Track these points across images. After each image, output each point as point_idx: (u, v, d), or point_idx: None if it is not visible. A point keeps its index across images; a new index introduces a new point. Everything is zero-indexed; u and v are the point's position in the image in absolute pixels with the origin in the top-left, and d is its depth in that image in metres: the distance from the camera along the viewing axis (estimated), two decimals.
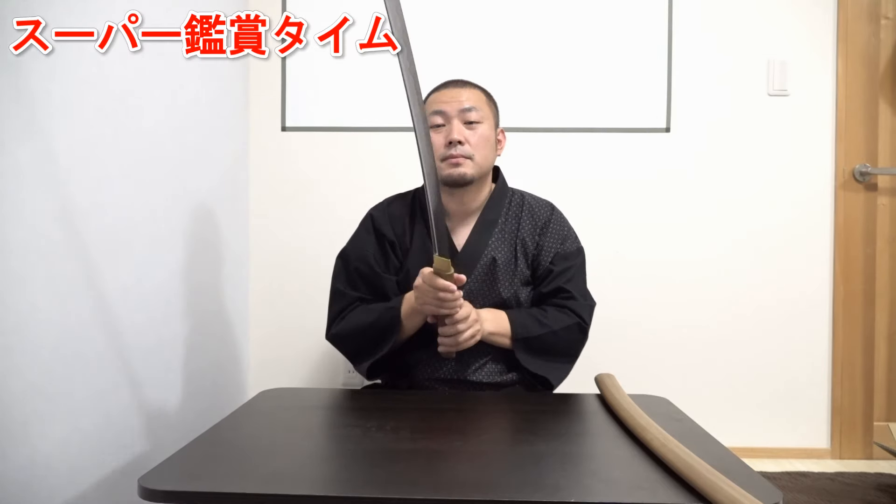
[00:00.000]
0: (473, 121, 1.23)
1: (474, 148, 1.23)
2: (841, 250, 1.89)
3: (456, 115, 1.23)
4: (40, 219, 0.94)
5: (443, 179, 1.23)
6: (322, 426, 1.02)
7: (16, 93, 0.89)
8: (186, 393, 1.45)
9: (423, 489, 0.68)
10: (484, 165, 1.25)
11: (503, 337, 1.20)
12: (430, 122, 1.23)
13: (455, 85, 1.27)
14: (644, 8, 1.89)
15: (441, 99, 1.25)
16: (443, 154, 1.22)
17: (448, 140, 1.21)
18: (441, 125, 1.24)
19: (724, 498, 0.63)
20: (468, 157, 1.22)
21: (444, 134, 1.23)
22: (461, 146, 1.21)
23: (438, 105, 1.24)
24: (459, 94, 1.25)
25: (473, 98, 1.25)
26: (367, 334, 1.20)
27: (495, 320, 1.20)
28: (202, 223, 1.54)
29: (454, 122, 1.23)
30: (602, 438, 0.90)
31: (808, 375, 1.90)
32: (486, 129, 1.25)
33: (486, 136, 1.25)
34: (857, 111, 1.88)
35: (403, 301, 1.19)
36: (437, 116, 1.24)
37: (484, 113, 1.26)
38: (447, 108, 1.23)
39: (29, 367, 0.92)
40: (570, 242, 1.31)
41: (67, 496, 1.01)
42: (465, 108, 1.23)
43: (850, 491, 1.58)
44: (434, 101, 1.26)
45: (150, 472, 0.71)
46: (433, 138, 1.23)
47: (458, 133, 1.21)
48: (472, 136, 1.23)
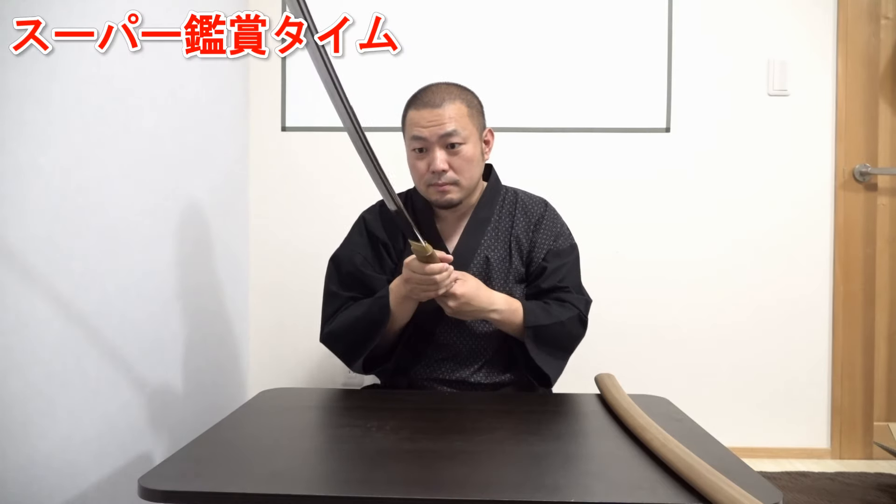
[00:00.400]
0: (456, 143, 1.17)
1: (459, 172, 1.19)
2: (841, 250, 1.89)
3: (436, 141, 1.17)
4: (40, 219, 0.94)
5: (430, 202, 1.25)
6: (322, 426, 1.02)
7: (16, 93, 0.89)
8: (186, 393, 1.45)
9: (423, 489, 0.68)
10: (471, 184, 1.23)
11: (512, 326, 1.19)
12: (411, 144, 1.21)
13: (432, 104, 1.17)
14: (644, 8, 1.89)
15: (419, 123, 1.18)
16: (427, 180, 1.20)
17: (431, 170, 1.18)
18: (421, 150, 1.19)
19: (724, 498, 0.63)
20: (453, 182, 1.20)
21: (426, 161, 1.19)
22: (445, 174, 1.18)
23: (417, 130, 1.18)
24: (439, 117, 1.16)
25: (454, 115, 1.17)
26: (357, 327, 1.19)
27: (508, 311, 1.18)
28: (202, 223, 1.54)
29: (435, 151, 1.17)
30: (602, 438, 0.90)
31: (808, 375, 1.90)
32: (469, 148, 1.19)
33: (469, 157, 1.19)
34: (857, 111, 1.88)
35: (391, 290, 1.17)
36: (417, 142, 1.19)
37: (467, 131, 1.18)
38: (426, 133, 1.17)
39: (29, 367, 0.92)
40: (564, 239, 1.30)
41: (67, 496, 1.01)
42: (445, 132, 1.16)
43: (850, 491, 1.58)
44: (412, 123, 1.19)
45: (150, 472, 0.71)
46: (414, 163, 1.22)
47: (440, 163, 1.17)
48: (456, 161, 1.18)
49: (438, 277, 1.08)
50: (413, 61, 1.88)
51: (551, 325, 1.19)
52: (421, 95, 1.21)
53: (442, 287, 1.09)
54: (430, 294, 1.11)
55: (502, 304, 1.17)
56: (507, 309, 1.17)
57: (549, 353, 1.20)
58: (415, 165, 1.22)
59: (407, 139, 1.23)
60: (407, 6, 1.89)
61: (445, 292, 1.11)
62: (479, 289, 1.15)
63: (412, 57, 1.88)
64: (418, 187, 1.26)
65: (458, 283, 1.12)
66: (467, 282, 1.14)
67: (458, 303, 1.12)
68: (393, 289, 1.17)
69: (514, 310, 1.18)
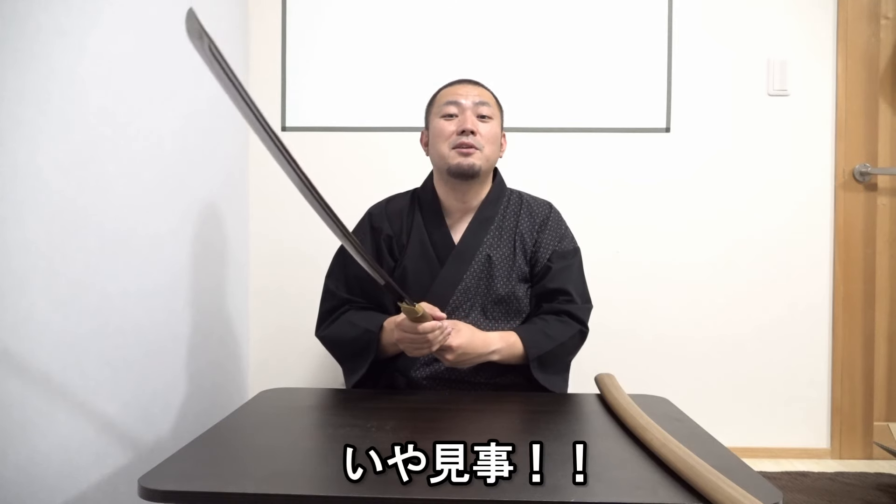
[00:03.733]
0: (486, 115, 1.25)
1: (485, 140, 1.25)
2: (841, 250, 1.89)
3: (470, 106, 1.25)
4: (40, 219, 0.94)
5: (450, 169, 1.24)
6: (322, 426, 1.02)
7: (15, 92, 0.89)
8: (186, 393, 1.45)
9: (422, 489, 0.68)
10: (490, 160, 1.27)
11: (515, 359, 1.20)
12: (442, 111, 1.26)
13: (469, 82, 1.31)
14: (644, 8, 1.89)
15: (457, 91, 1.27)
16: (453, 142, 1.23)
17: (461, 128, 1.23)
18: (453, 115, 1.25)
19: (724, 498, 0.63)
20: (479, 148, 1.23)
21: (457, 123, 1.24)
22: (473, 136, 1.23)
23: (453, 96, 1.26)
24: (474, 88, 1.28)
25: (486, 95, 1.29)
26: (345, 349, 1.22)
27: (506, 348, 1.18)
28: (202, 223, 1.54)
29: (468, 114, 1.24)
30: (602, 438, 0.90)
31: (808, 375, 1.90)
32: (495, 126, 1.28)
33: (494, 133, 1.28)
34: (857, 111, 1.88)
35: (385, 328, 1.17)
36: (450, 106, 1.25)
37: (494, 111, 1.28)
38: (462, 99, 1.25)
39: (29, 367, 0.92)
40: (568, 241, 1.31)
41: (67, 496, 1.01)
42: (479, 101, 1.25)
43: (850, 491, 1.58)
44: (448, 92, 1.28)
45: (150, 472, 0.71)
46: (443, 127, 1.25)
47: (471, 123, 1.23)
48: (484, 129, 1.25)
49: (431, 336, 1.07)
50: (413, 62, 1.88)
51: (553, 350, 1.20)
52: (453, 82, 1.32)
53: (435, 344, 1.09)
54: (424, 351, 1.10)
55: (499, 343, 1.18)
56: (506, 346, 1.18)
57: (554, 372, 1.22)
58: (443, 129, 1.25)
59: (437, 108, 1.28)
60: (408, 8, 1.89)
61: (440, 347, 1.11)
62: (473, 336, 1.15)
63: (413, 57, 1.88)
64: (440, 153, 1.26)
65: (453, 334, 1.12)
66: (461, 332, 1.14)
67: (455, 355, 1.12)
68: (387, 329, 1.17)
69: (512, 344, 1.19)
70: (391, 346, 1.17)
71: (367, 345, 1.17)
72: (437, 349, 1.10)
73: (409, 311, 1.03)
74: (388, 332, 1.17)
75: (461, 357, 1.13)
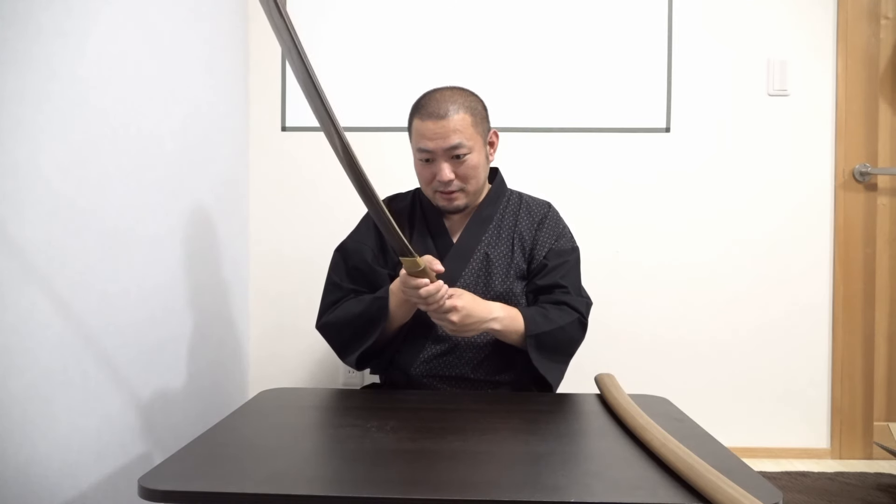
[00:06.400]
0: (461, 154, 1.19)
1: (465, 181, 1.22)
2: (841, 250, 1.89)
3: (442, 154, 1.19)
4: (40, 219, 0.94)
5: (438, 208, 1.27)
6: (322, 426, 1.02)
7: (15, 92, 0.89)
8: (186, 393, 1.45)
9: (423, 489, 0.68)
10: (477, 188, 1.26)
11: (514, 335, 1.18)
12: (416, 153, 1.24)
13: (438, 114, 1.18)
14: (644, 8, 1.89)
15: (425, 135, 1.19)
16: (434, 187, 1.23)
17: (437, 180, 1.21)
18: (427, 160, 1.22)
19: (724, 498, 0.63)
20: (460, 190, 1.23)
21: (432, 171, 1.22)
22: (451, 184, 1.21)
23: (422, 143, 1.20)
24: (444, 129, 1.17)
25: (459, 126, 1.18)
26: (354, 324, 1.19)
27: (508, 319, 1.17)
28: (202, 223, 1.54)
29: (441, 163, 1.20)
30: (602, 438, 0.90)
31: (808, 375, 1.90)
32: (474, 157, 1.21)
33: (475, 165, 1.22)
34: (857, 111, 1.88)
35: (391, 292, 1.17)
36: (422, 153, 1.21)
37: (472, 141, 1.20)
38: (432, 146, 1.19)
39: (29, 367, 0.92)
40: (566, 240, 1.31)
41: (67, 496, 1.01)
42: (450, 146, 1.18)
43: (850, 491, 1.58)
44: (418, 134, 1.21)
45: (150, 472, 0.71)
46: (420, 169, 1.25)
47: (446, 174, 1.20)
48: (462, 169, 1.21)
49: (423, 292, 1.05)
50: (414, 61, 1.88)
51: (552, 331, 1.19)
52: (426, 104, 1.21)
53: (433, 302, 1.07)
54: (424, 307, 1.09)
55: (500, 311, 1.17)
56: (507, 316, 1.17)
57: (551, 359, 1.20)
58: (421, 173, 1.25)
59: (413, 147, 1.25)
60: (408, 8, 1.89)
61: (444, 307, 1.09)
62: (474, 300, 1.14)
63: (413, 57, 1.88)
64: (425, 192, 1.28)
65: (454, 297, 1.10)
66: (463, 295, 1.13)
67: (460, 315, 1.10)
68: (393, 290, 1.17)
69: (514, 316, 1.18)
70: (399, 311, 1.16)
71: (378, 311, 1.16)
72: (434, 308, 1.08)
73: (410, 265, 1.03)
74: (395, 294, 1.16)
75: (465, 319, 1.10)
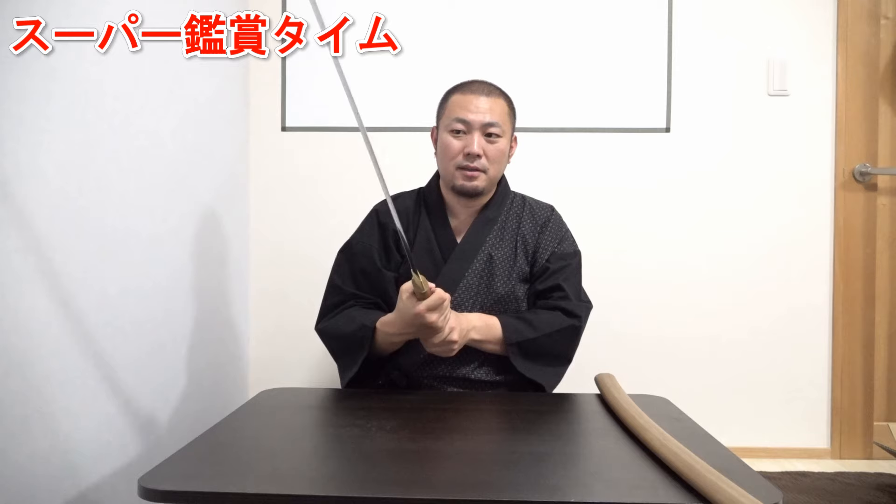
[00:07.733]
0: (494, 134, 1.22)
1: (490, 162, 1.23)
2: (841, 250, 1.88)
3: (478, 127, 1.21)
4: (40, 219, 0.94)
5: (454, 187, 1.25)
6: (322, 426, 1.02)
7: (16, 93, 0.89)
8: (186, 393, 1.45)
9: (423, 489, 0.68)
10: (495, 178, 1.27)
11: (493, 344, 1.19)
12: (451, 125, 1.23)
13: (482, 91, 1.23)
14: (644, 8, 1.89)
15: (466, 106, 1.22)
16: (458, 162, 1.22)
17: (467, 151, 1.21)
18: (461, 132, 1.22)
19: (724, 498, 0.63)
20: (483, 170, 1.23)
21: (463, 142, 1.22)
22: (479, 160, 1.21)
23: (462, 112, 1.22)
24: (487, 105, 1.22)
25: (498, 111, 1.23)
26: (341, 344, 1.21)
27: (484, 327, 1.19)
28: (202, 223, 1.54)
29: (475, 135, 1.21)
30: (602, 438, 0.90)
31: (809, 375, 1.90)
32: (503, 143, 1.25)
33: (502, 151, 1.25)
34: (857, 111, 1.88)
35: (379, 328, 1.15)
36: (458, 123, 1.22)
37: (505, 127, 1.24)
38: (471, 118, 1.21)
39: (29, 367, 0.92)
40: (568, 244, 1.32)
41: (67, 496, 1.01)
42: (488, 122, 1.21)
43: (850, 491, 1.58)
44: (458, 105, 1.23)
45: (150, 472, 0.71)
46: (449, 143, 1.23)
47: (478, 147, 1.20)
48: (490, 150, 1.22)
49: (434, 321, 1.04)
50: (414, 62, 1.88)
51: (537, 339, 1.19)
52: (469, 84, 1.26)
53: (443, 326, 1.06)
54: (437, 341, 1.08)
55: (477, 321, 1.18)
56: (483, 325, 1.18)
57: (542, 364, 1.21)
58: (449, 145, 1.23)
59: (445, 120, 1.25)
60: (407, 7, 1.89)
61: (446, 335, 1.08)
62: (457, 314, 1.15)
63: (413, 58, 1.88)
64: (446, 169, 1.26)
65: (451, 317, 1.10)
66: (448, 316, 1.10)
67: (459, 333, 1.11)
68: (380, 327, 1.15)
69: (491, 325, 1.19)
70: (388, 344, 1.17)
71: (361, 341, 1.16)
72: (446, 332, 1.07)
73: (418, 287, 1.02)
74: (381, 331, 1.15)
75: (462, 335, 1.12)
